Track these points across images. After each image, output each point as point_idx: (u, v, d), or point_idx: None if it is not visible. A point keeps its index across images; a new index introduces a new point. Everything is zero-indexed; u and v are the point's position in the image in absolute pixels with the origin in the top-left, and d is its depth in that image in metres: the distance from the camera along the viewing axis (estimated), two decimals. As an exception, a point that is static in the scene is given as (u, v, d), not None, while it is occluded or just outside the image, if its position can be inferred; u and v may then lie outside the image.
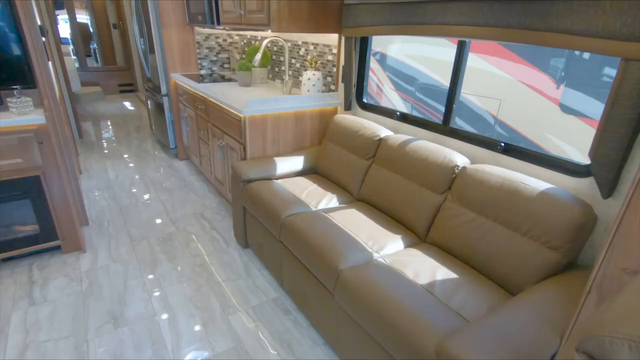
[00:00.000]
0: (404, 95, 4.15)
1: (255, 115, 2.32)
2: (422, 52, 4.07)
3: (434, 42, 3.90)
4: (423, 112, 3.95)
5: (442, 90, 3.87)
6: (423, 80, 4.05)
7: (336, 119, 2.40)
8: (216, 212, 2.90)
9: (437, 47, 3.87)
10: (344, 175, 2.21)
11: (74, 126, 4.40)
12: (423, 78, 4.03)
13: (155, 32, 3.41)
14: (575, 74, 3.04)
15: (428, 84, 4.02)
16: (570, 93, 3.01)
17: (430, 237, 1.72)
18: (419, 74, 4.08)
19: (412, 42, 4.15)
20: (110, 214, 2.82)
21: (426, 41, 3.97)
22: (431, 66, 3.94)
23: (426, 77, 4.01)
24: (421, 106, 3.90)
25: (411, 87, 4.15)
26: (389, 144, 1.99)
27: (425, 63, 4.00)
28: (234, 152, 2.54)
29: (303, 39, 2.84)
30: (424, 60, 4.02)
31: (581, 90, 3.04)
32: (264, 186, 2.15)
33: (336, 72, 2.57)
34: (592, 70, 3.07)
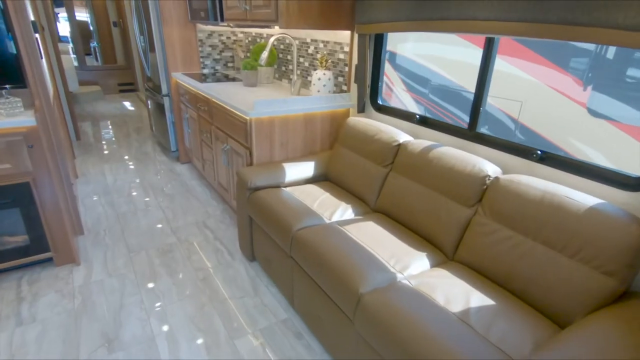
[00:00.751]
0: (416, 96, 3.98)
1: (262, 117, 2.16)
2: (435, 52, 3.90)
3: (447, 40, 3.73)
4: (438, 115, 3.78)
5: (457, 92, 3.69)
6: (437, 81, 3.88)
7: (349, 122, 2.24)
8: (220, 220, 2.74)
9: (450, 47, 3.70)
10: (358, 183, 2.05)
11: (70, 127, 4.24)
12: (436, 79, 3.86)
13: (156, 30, 3.25)
14: (600, 74, 2.87)
15: (442, 85, 3.85)
16: (598, 95, 2.84)
17: (459, 256, 1.55)
18: (432, 75, 3.91)
19: (423, 41, 3.98)
20: (107, 222, 2.66)
21: (439, 40, 3.80)
22: (445, 66, 3.77)
23: (440, 78, 3.84)
24: (435, 108, 3.73)
25: (424, 89, 3.98)
26: (409, 150, 1.83)
27: (438, 63, 3.83)
28: (239, 156, 2.37)
29: (312, 36, 2.67)
30: (437, 60, 3.86)
31: (606, 92, 2.88)
32: (272, 195, 1.98)
33: (348, 71, 2.41)
34: (616, 70, 2.90)
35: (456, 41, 3.63)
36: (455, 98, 3.71)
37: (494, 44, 1.63)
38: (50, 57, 3.69)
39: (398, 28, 1.92)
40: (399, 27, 1.90)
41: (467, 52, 3.54)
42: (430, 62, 3.88)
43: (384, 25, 1.98)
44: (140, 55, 3.82)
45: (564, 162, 1.45)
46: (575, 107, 2.91)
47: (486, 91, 1.71)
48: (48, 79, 2.72)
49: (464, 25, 1.57)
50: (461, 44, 3.54)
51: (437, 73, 3.82)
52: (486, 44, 1.66)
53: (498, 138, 1.68)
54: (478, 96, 1.73)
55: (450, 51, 3.73)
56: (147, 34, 3.44)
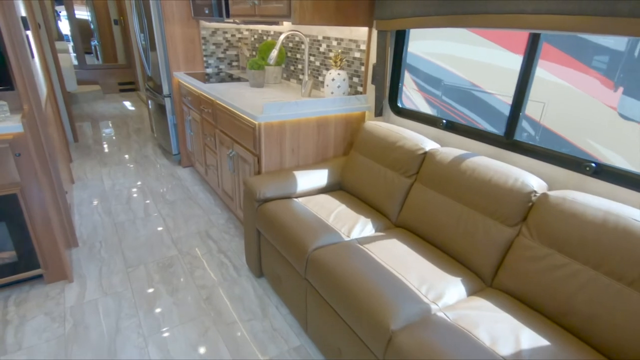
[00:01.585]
0: (429, 97, 3.79)
1: (272, 122, 1.98)
2: (449, 51, 3.71)
3: (463, 39, 3.54)
4: (455, 118, 3.59)
5: (475, 96, 3.50)
6: (452, 81, 3.68)
7: (367, 126, 2.05)
8: (224, 230, 2.56)
9: (467, 46, 3.51)
10: (378, 195, 1.86)
11: (68, 129, 4.07)
12: (452, 79, 3.66)
13: (157, 27, 3.07)
14: (633, 76, 2.67)
15: (457, 86, 3.66)
16: (629, 97, 2.64)
17: (498, 282, 1.37)
18: (446, 75, 3.71)
19: (436, 39, 3.79)
20: (103, 233, 2.47)
21: (454, 38, 3.60)
22: (462, 67, 3.57)
23: (455, 79, 3.64)
24: (451, 110, 3.54)
25: (436, 89, 3.79)
26: (438, 159, 1.64)
27: (454, 63, 3.63)
28: (246, 164, 2.19)
29: (324, 33, 2.49)
30: (452, 60, 3.66)
31: (634, 93, 2.68)
32: (283, 207, 1.80)
33: (364, 71, 2.22)
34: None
35: (473, 40, 3.43)
36: (473, 101, 3.51)
37: (538, 42, 1.44)
38: (46, 56, 3.51)
39: (425, 24, 1.73)
40: (426, 23, 1.72)
41: (490, 52, 3.34)
42: (443, 61, 3.69)
43: (407, 21, 1.79)
44: (141, 53, 3.64)
45: (624, 177, 1.27)
46: (604, 109, 2.72)
47: (527, 96, 1.52)
48: (41, 79, 2.54)
49: (509, 20, 1.38)
50: (481, 44, 3.35)
51: (453, 74, 3.62)
52: (529, 43, 1.47)
53: (541, 147, 1.49)
54: (518, 101, 1.54)
55: (467, 51, 3.54)
56: (147, 31, 3.26)
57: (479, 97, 3.45)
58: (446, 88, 3.74)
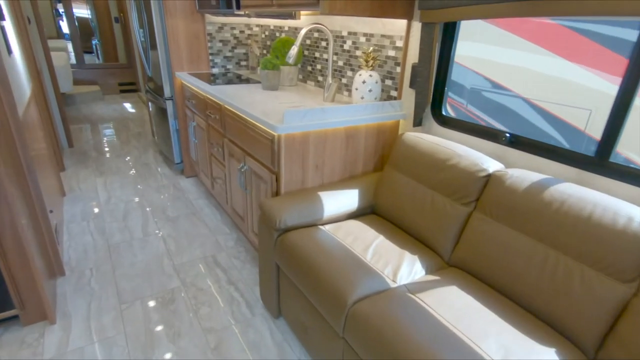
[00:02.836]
0: (454, 102, 3.42)
1: (294, 133, 1.64)
2: (475, 53, 3.34)
3: (494, 41, 3.17)
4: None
5: (509, 108, 3.12)
6: (480, 88, 3.30)
7: (406, 139, 1.71)
8: (234, 254, 2.22)
9: (497, 48, 3.14)
10: (423, 224, 1.53)
11: (62, 133, 3.75)
12: (477, 82, 3.28)
13: (157, 22, 2.74)
14: None
15: (486, 93, 3.28)
16: None
17: (609, 353, 1.03)
18: (475, 80, 3.33)
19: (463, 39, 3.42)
20: (95, 257, 2.15)
21: (484, 39, 3.24)
22: (493, 71, 3.20)
23: (484, 84, 3.26)
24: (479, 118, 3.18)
25: (460, 97, 3.41)
26: (508, 185, 1.30)
27: (485, 67, 3.26)
28: (261, 181, 1.86)
29: (350, 27, 2.15)
30: (481, 62, 3.29)
31: None
32: (309, 239, 1.47)
33: (400, 73, 1.88)
34: None
35: (505, 42, 3.07)
36: (505, 112, 3.12)
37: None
38: (36, 54, 3.19)
39: (485, 13, 1.39)
40: (488, 12, 1.38)
41: (525, 57, 2.95)
42: (471, 64, 3.31)
43: (462, 11, 1.46)
44: (140, 51, 3.31)
45: None
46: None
47: (631, 106, 1.18)
48: (24, 79, 2.22)
49: (605, 6, 1.05)
50: (516, 47, 2.99)
51: (484, 78, 3.25)
52: (632, 63, 1.13)
53: (650, 172, 1.15)
54: (618, 112, 1.20)
55: (497, 54, 3.16)
56: (147, 27, 2.93)
57: (516, 111, 3.08)
58: (474, 96, 3.36)
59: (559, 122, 2.73)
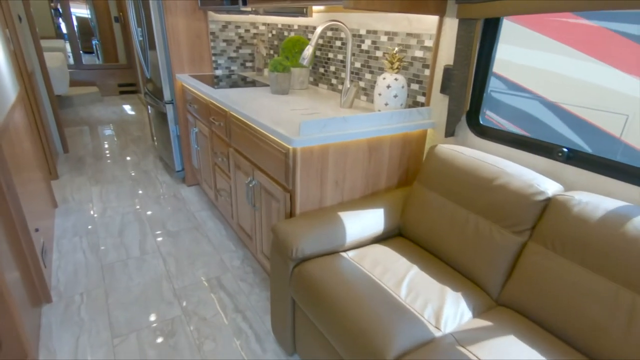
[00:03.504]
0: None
1: (313, 146, 1.43)
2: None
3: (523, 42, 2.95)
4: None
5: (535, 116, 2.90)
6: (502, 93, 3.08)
7: (440, 153, 1.50)
8: (240, 275, 2.01)
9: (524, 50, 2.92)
10: (464, 253, 1.31)
11: (56, 138, 3.54)
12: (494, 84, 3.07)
13: (156, 19, 2.53)
14: None
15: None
16: None
17: None
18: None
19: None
20: (86, 280, 1.94)
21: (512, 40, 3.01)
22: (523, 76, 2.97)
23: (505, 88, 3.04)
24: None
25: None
26: (577, 213, 1.08)
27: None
28: (272, 199, 1.64)
29: (370, 25, 1.94)
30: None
31: None
32: (331, 272, 1.25)
33: (429, 76, 1.67)
34: None
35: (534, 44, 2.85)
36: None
37: None
38: (27, 54, 2.98)
39: (541, 7, 1.17)
40: (545, 7, 1.16)
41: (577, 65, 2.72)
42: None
43: (512, 5, 1.24)
44: (138, 51, 3.10)
45: None
46: None
47: None
48: (7, 82, 2.00)
49: None
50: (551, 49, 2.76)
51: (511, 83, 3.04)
52: None
53: None
54: None
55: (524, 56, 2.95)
56: (145, 25, 2.72)
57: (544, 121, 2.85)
58: (490, 99, 3.13)
59: (585, 127, 2.47)
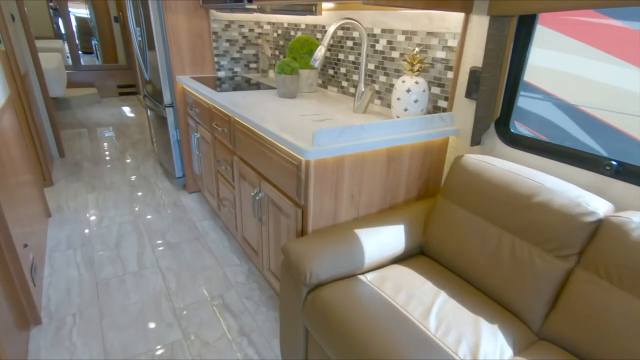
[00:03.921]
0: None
1: (327, 158, 1.29)
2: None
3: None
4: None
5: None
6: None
7: (467, 164, 1.36)
8: (245, 292, 1.87)
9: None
10: (499, 277, 1.17)
11: (52, 142, 3.40)
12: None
13: (156, 18, 2.39)
14: None
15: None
16: None
17: None
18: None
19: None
20: (79, 299, 1.80)
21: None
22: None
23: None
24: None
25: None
26: (636, 239, 0.94)
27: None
28: (281, 213, 1.50)
29: (385, 24, 1.80)
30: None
31: None
32: (349, 299, 1.12)
33: (453, 79, 1.53)
34: None
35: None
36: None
37: None
38: (21, 55, 2.85)
39: (586, 3, 1.03)
40: (591, 2, 1.02)
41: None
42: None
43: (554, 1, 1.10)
44: (136, 52, 2.96)
45: None
46: None
47: None
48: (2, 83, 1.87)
49: None
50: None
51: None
52: None
53: None
54: None
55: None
56: (144, 24, 2.59)
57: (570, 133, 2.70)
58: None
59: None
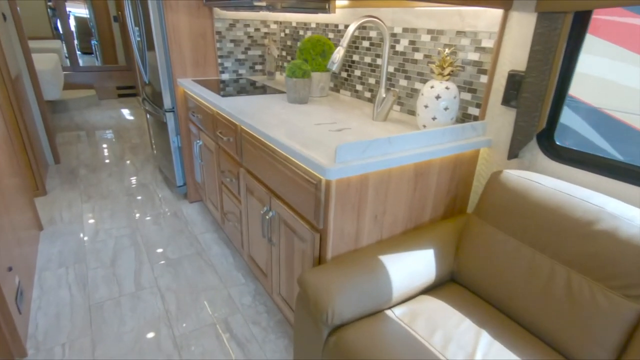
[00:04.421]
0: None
1: (351, 177, 1.12)
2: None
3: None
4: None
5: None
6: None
7: (507, 181, 1.19)
8: (252, 317, 1.71)
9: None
10: (551, 316, 1.00)
11: (46, 149, 3.24)
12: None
13: (155, 18, 2.23)
14: None
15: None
16: None
17: None
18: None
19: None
20: (70, 326, 1.63)
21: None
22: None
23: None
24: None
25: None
26: None
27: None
28: (295, 236, 1.34)
29: (406, 22, 1.63)
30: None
31: None
32: (378, 344, 0.95)
33: (487, 84, 1.36)
34: None
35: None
36: None
37: None
38: (13, 56, 2.69)
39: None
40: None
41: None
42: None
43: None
44: (135, 53, 2.80)
45: None
46: None
47: None
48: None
49: None
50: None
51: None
52: None
53: None
54: None
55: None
56: (143, 24, 2.42)
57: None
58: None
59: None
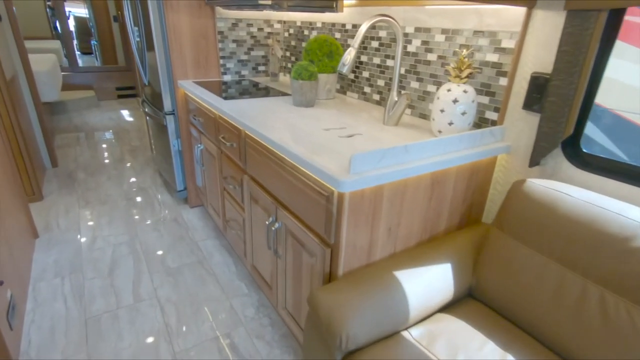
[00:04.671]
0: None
1: (365, 189, 1.04)
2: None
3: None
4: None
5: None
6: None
7: (531, 191, 1.11)
8: (256, 330, 1.63)
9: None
10: (584, 341, 0.92)
11: (43, 152, 3.16)
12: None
13: (155, 17, 2.15)
14: None
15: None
16: None
17: None
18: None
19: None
20: (65, 341, 1.56)
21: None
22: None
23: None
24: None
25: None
26: None
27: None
28: (303, 250, 1.26)
29: (419, 22, 1.55)
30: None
31: None
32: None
33: (507, 86, 1.28)
34: None
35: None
36: None
37: None
38: (8, 57, 2.61)
39: None
40: None
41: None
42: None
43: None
44: (134, 53, 2.72)
45: None
46: None
47: None
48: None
49: None
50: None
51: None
52: None
53: None
54: None
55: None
56: (143, 24, 2.34)
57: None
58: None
59: None
